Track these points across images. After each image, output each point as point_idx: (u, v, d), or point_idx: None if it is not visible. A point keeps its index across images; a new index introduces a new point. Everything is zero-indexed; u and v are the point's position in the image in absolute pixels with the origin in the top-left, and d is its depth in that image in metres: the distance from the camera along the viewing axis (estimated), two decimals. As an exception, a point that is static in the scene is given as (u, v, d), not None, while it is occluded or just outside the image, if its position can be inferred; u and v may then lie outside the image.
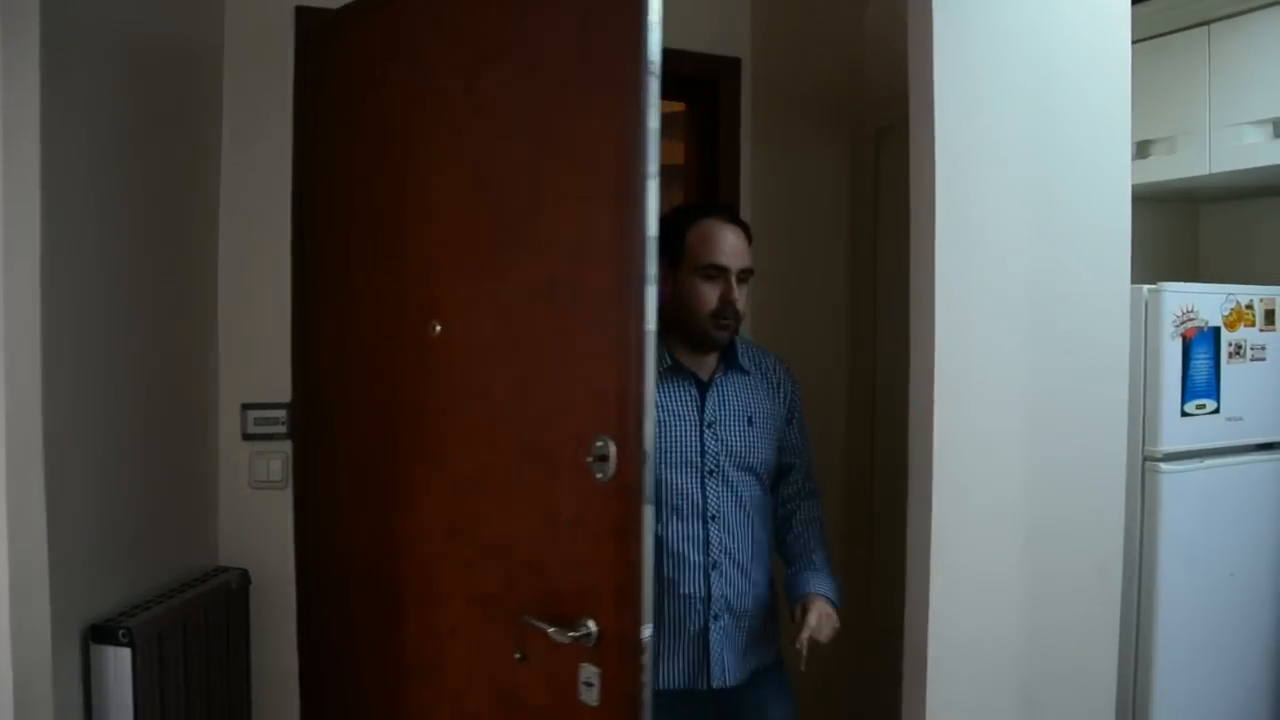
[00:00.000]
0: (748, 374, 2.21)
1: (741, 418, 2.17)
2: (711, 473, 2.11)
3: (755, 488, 2.18)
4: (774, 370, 2.28)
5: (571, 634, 1.63)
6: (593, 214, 1.66)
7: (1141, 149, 3.09)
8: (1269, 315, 2.84)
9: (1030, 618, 1.56)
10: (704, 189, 3.14)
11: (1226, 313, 2.73)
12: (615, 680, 1.61)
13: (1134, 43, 2.39)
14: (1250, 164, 2.91)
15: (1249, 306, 2.79)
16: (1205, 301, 2.73)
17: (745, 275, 2.12)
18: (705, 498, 2.09)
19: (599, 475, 1.59)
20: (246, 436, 2.56)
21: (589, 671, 1.63)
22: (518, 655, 1.75)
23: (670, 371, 2.12)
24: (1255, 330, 2.81)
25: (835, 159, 3.27)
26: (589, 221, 1.67)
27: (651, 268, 1.53)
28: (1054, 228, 2.18)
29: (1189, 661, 2.72)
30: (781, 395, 2.27)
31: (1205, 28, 3.02)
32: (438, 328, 1.98)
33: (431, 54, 2.02)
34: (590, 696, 1.63)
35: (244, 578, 2.51)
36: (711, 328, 2.10)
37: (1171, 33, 3.08)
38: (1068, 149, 2.24)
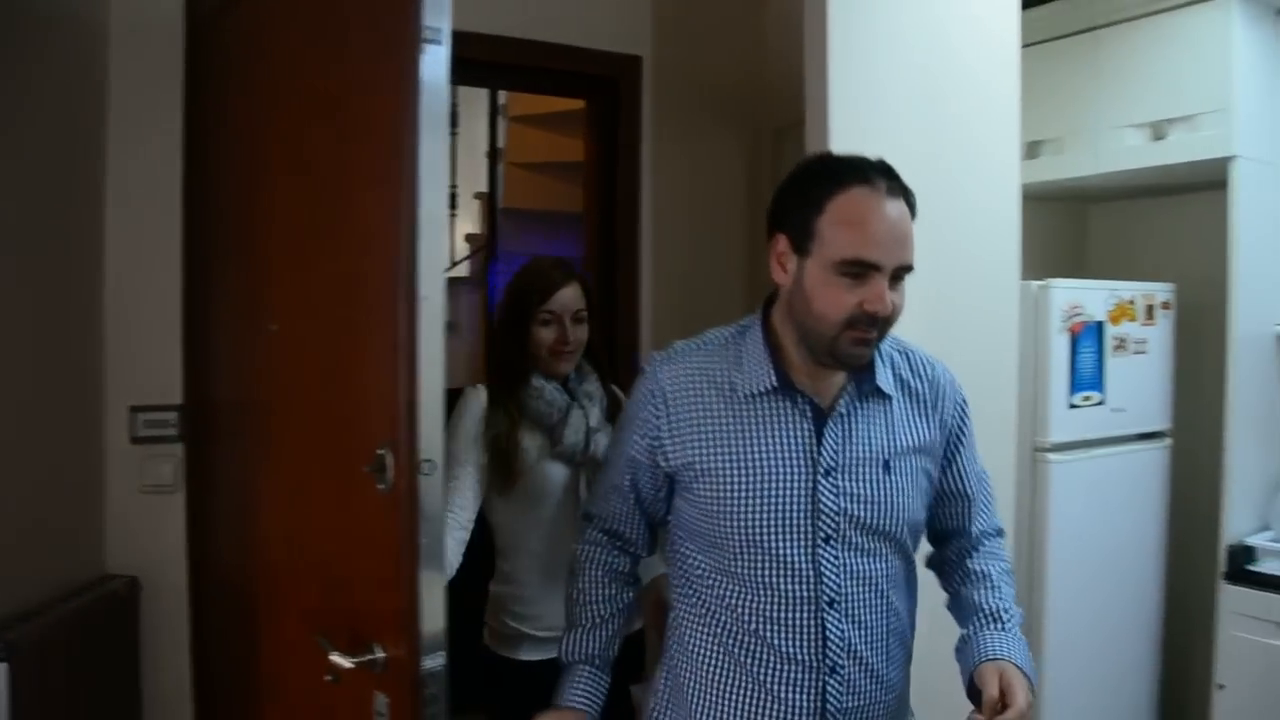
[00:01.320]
0: (888, 399, 1.57)
1: (875, 463, 1.53)
2: (829, 539, 1.49)
3: (894, 559, 1.56)
4: (926, 385, 1.62)
5: (355, 659, 1.49)
6: (380, 201, 1.52)
7: (1032, 149, 3.18)
8: (1150, 311, 2.95)
9: (922, 606, 1.59)
10: (602, 187, 3.14)
11: (1111, 308, 2.83)
12: (402, 712, 1.46)
13: (1025, 46, 2.46)
14: (1132, 165, 3.02)
15: (1131, 302, 2.89)
16: (1091, 297, 2.83)
17: (902, 273, 1.45)
18: (819, 574, 1.48)
19: (380, 486, 1.46)
20: (135, 439, 2.47)
21: (380, 700, 1.50)
22: (329, 677, 1.55)
23: (775, 394, 1.51)
24: (1138, 325, 2.91)
25: (736, 157, 3.30)
26: (376, 209, 1.53)
27: (427, 258, 1.41)
28: (946, 225, 2.22)
29: (1077, 644, 2.81)
30: (937, 422, 1.61)
31: (1093, 33, 3.13)
32: (274, 327, 1.89)
33: (266, 38, 1.93)
34: (384, 728, 1.49)
35: (133, 585, 2.43)
36: (845, 343, 1.44)
37: (1061, 37, 3.18)
38: (960, 148, 2.30)
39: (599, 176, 3.15)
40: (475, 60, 2.73)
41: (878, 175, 1.43)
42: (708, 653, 1.55)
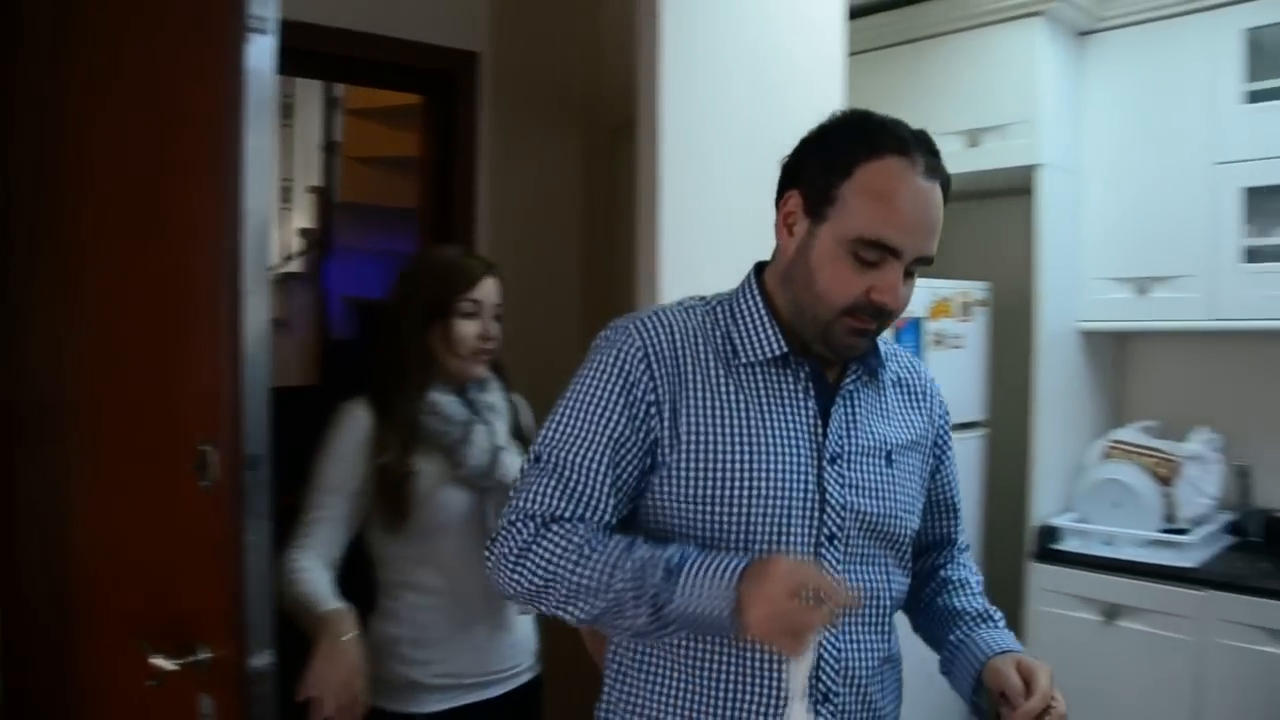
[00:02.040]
0: (885, 386, 1.40)
1: (879, 454, 1.35)
2: (832, 539, 1.29)
3: (895, 572, 1.37)
4: (916, 378, 1.47)
5: (178, 662, 1.45)
6: (203, 193, 1.47)
7: (857, 154, 3.31)
8: (966, 307, 3.12)
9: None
10: (438, 183, 3.11)
11: (930, 305, 2.98)
12: (228, 713, 1.43)
13: (852, 55, 2.57)
14: (950, 171, 3.18)
15: (949, 300, 3.05)
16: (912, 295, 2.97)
17: (919, 265, 1.29)
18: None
19: (203, 484, 1.43)
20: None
21: (205, 702, 1.46)
22: (151, 682, 1.49)
23: (779, 363, 1.31)
24: (955, 321, 3.07)
25: (574, 156, 3.32)
26: (199, 201, 1.48)
27: (251, 252, 1.38)
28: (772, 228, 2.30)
29: (899, 623, 2.95)
30: (927, 418, 1.45)
31: (914, 45, 3.29)
32: (105, 322, 1.79)
33: (86, 9, 1.82)
34: (210, 731, 1.45)
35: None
36: (841, 331, 1.27)
37: (883, 48, 3.32)
38: (784, 152, 2.38)
39: (435, 173, 3.12)
40: (308, 51, 2.66)
41: (919, 151, 1.28)
42: (668, 683, 1.30)
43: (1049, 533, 3.03)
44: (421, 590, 1.85)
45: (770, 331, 1.30)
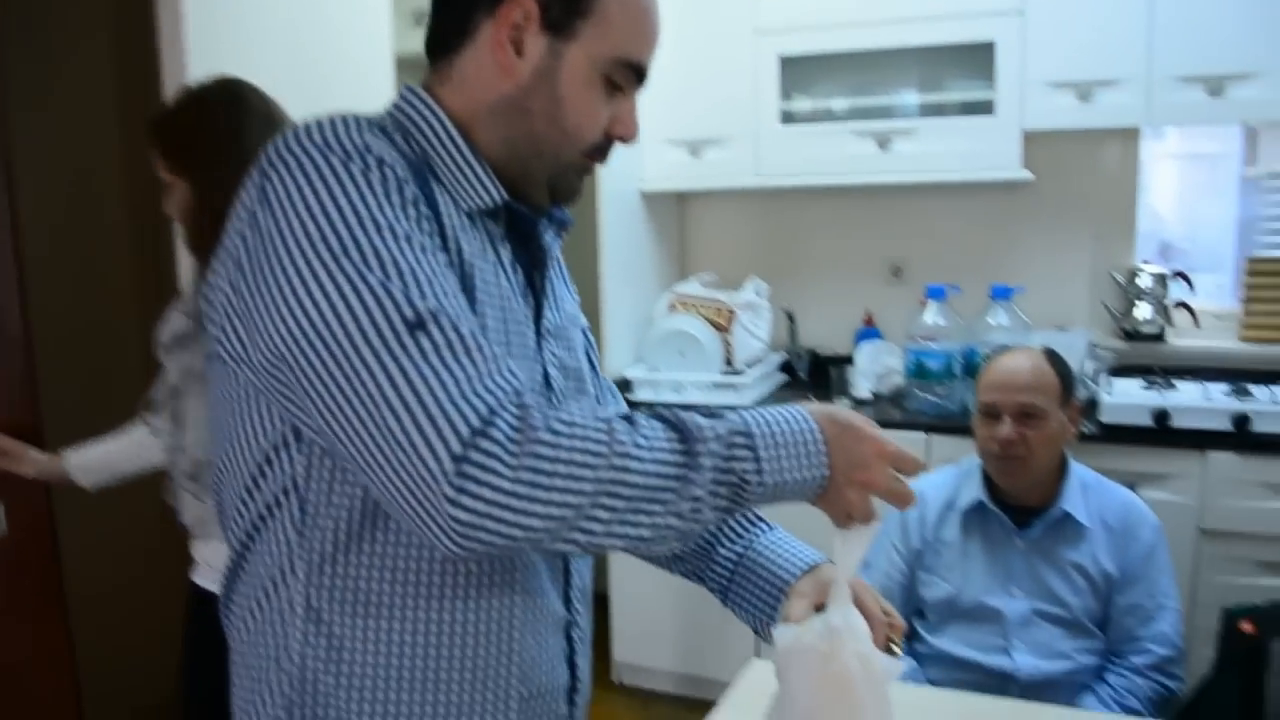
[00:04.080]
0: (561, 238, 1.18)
1: (575, 328, 1.19)
2: None
3: None
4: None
5: None
6: None
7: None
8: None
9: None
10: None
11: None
12: None
13: None
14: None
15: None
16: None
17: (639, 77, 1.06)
18: None
19: None
20: None
21: None
22: None
23: (488, 218, 1.04)
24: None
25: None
26: None
27: None
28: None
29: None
30: (575, 294, 1.27)
31: None
32: None
33: None
34: None
35: None
36: (573, 173, 1.06)
37: None
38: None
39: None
40: None
41: None
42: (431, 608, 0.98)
43: (623, 385, 3.22)
44: None
45: (482, 173, 1.01)
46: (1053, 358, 2.06)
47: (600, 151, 1.05)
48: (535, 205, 1.06)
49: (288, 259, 0.87)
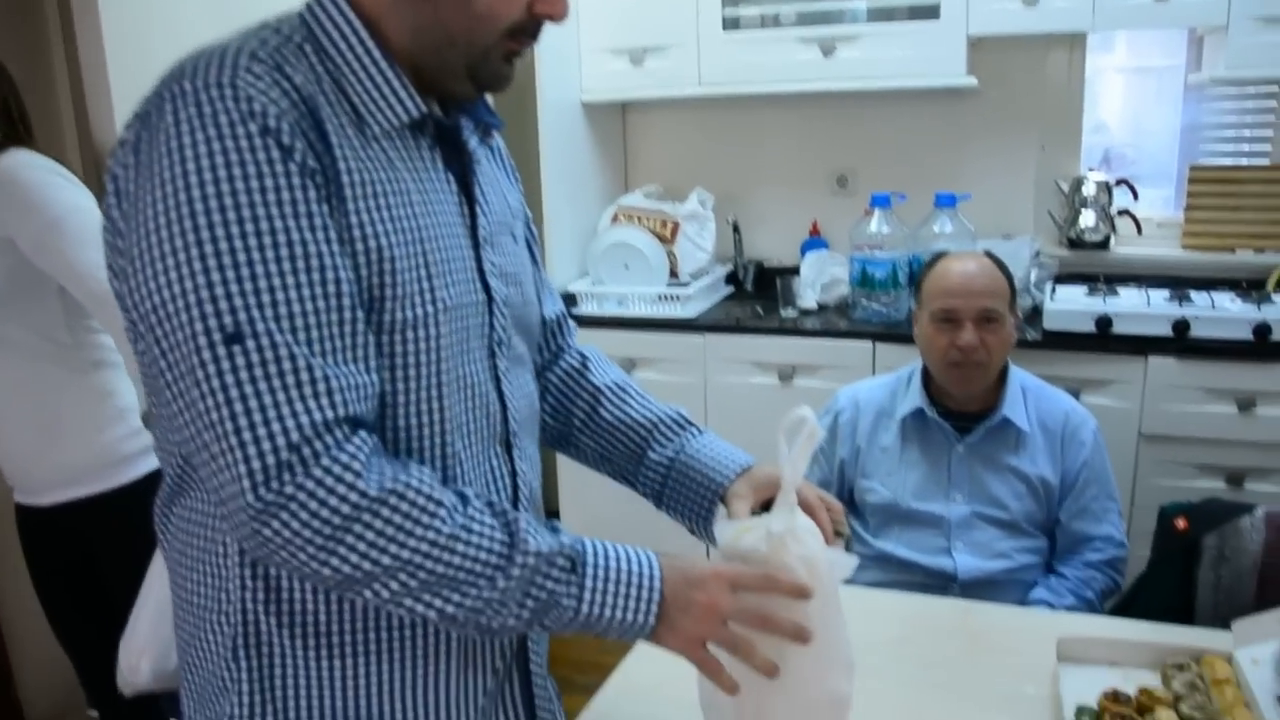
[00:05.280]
0: (491, 137, 1.14)
1: (507, 229, 1.12)
2: (501, 344, 1.06)
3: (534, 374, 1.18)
4: (498, 139, 1.20)
5: None
6: None
7: None
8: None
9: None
10: None
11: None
12: None
13: None
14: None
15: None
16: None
17: None
18: (502, 397, 1.06)
19: None
20: None
21: None
22: None
23: (410, 127, 0.98)
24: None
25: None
26: None
27: None
28: None
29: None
30: (517, 187, 1.23)
31: None
32: None
33: None
34: None
35: None
36: (497, 58, 0.98)
37: None
38: None
39: None
40: None
41: None
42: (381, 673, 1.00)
43: (568, 299, 3.16)
44: None
45: (398, 85, 0.95)
46: (996, 261, 2.05)
47: (525, 33, 0.98)
48: (460, 98, 1.01)
49: (152, 227, 0.84)
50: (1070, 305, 2.71)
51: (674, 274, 3.18)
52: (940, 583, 1.95)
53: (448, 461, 0.97)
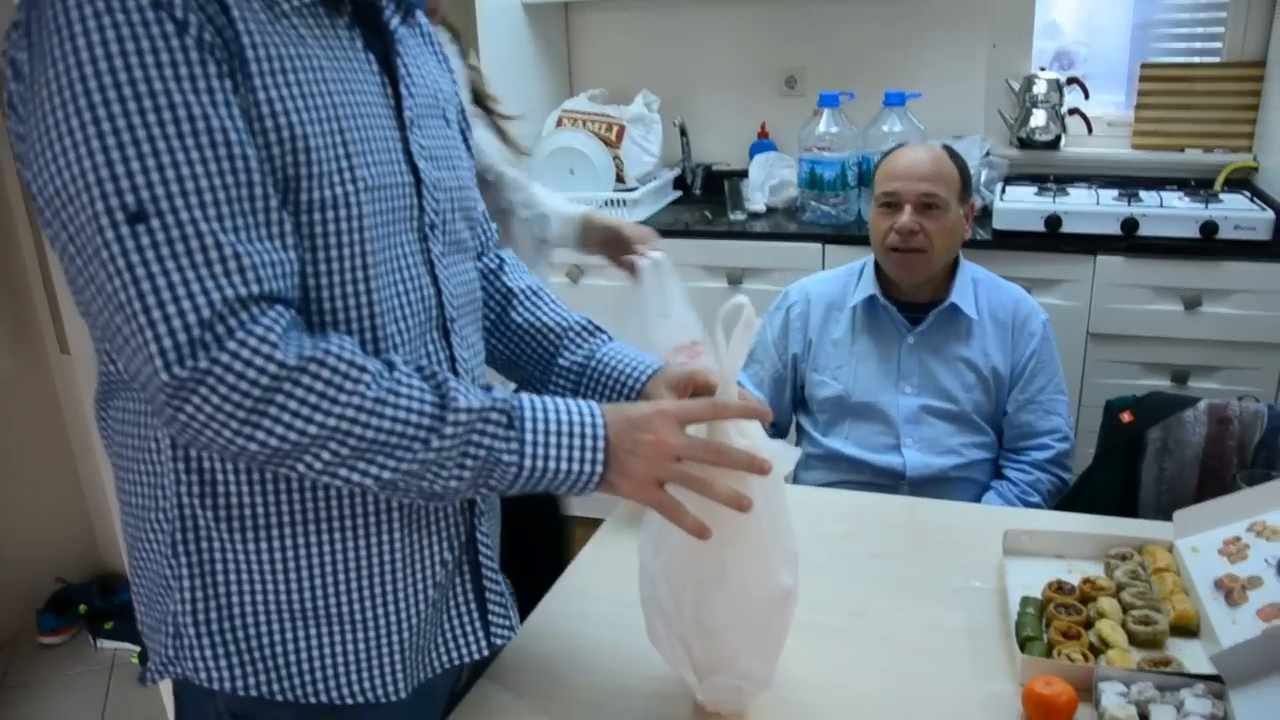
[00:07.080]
0: (413, 17, 1.07)
1: (438, 112, 1.07)
2: (434, 228, 1.02)
3: (474, 264, 1.17)
4: (424, 21, 1.13)
5: None
6: None
7: None
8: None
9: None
10: None
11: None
12: None
13: None
14: None
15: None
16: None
17: None
18: (437, 282, 1.03)
19: None
20: None
21: None
22: None
23: (331, 7, 0.93)
24: None
25: None
26: None
27: None
28: None
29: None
30: (445, 68, 1.16)
31: None
32: None
33: None
34: None
35: None
36: None
37: None
38: None
39: None
40: None
41: None
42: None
43: (513, 206, 3.08)
44: None
45: None
46: (952, 153, 2.01)
47: None
48: None
49: (47, 109, 0.80)
50: (1020, 204, 2.68)
51: (620, 178, 3.11)
52: (889, 481, 1.94)
53: (380, 345, 0.95)
